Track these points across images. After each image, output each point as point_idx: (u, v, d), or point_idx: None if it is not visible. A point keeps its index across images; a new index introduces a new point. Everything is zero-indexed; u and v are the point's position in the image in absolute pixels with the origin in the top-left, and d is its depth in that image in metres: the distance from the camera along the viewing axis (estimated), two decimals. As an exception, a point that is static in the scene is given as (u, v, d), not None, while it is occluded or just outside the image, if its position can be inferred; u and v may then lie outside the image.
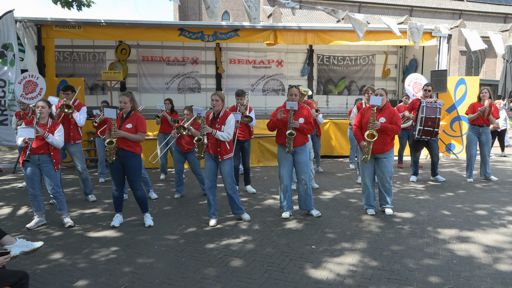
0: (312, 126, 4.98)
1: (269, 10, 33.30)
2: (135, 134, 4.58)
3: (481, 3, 36.63)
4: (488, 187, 6.52)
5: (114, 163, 4.57)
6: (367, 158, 4.93)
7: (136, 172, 4.64)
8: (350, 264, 3.58)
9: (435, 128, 6.41)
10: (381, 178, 5.06)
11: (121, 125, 4.54)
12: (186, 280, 3.33)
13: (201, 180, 6.17)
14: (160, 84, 11.76)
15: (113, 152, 4.49)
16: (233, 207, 4.89)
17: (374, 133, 4.79)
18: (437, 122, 6.40)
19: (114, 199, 4.78)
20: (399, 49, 12.47)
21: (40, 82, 7.32)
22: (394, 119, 4.96)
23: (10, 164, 9.30)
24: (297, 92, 4.89)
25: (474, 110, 6.75)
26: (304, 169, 4.95)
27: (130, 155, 4.57)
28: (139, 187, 4.72)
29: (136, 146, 4.64)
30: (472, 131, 6.87)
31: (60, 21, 8.59)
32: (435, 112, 6.40)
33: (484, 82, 23.23)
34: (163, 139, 7.42)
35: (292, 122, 4.78)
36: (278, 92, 12.32)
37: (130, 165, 4.58)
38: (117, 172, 4.63)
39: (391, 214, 5.05)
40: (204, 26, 9.34)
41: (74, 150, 5.83)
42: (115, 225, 4.68)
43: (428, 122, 6.39)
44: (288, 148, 4.84)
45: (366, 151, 4.90)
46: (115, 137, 4.47)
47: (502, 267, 3.50)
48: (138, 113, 4.77)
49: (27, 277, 2.57)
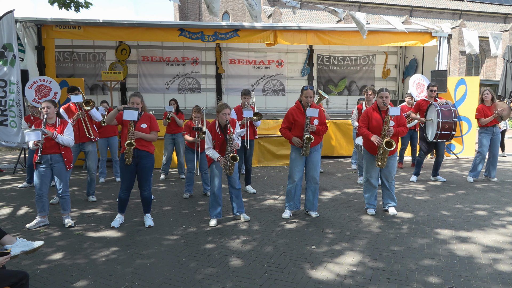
0: (326, 126, 5.00)
1: (269, 10, 33.31)
2: (150, 134, 4.63)
3: (481, 3, 36.64)
4: (488, 188, 6.52)
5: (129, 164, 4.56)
6: (383, 165, 4.91)
7: (148, 172, 4.68)
8: (350, 265, 3.58)
9: (452, 131, 6.32)
10: (386, 177, 5.10)
11: (135, 126, 4.55)
12: (186, 280, 3.33)
13: (206, 179, 6.17)
14: (160, 84, 11.76)
15: (131, 153, 4.50)
16: (239, 205, 4.89)
17: (392, 142, 4.75)
18: (454, 125, 6.32)
19: (120, 200, 4.76)
20: (399, 49, 12.47)
21: (54, 85, 7.29)
22: (401, 121, 4.99)
23: (10, 164, 9.30)
24: (312, 94, 4.84)
25: (485, 113, 6.67)
26: (316, 168, 4.95)
27: (145, 154, 4.60)
28: (148, 187, 4.73)
29: (150, 145, 4.67)
30: (486, 132, 6.78)
31: (60, 21, 8.59)
32: (451, 115, 6.30)
33: (484, 82, 23.22)
34: (170, 139, 7.46)
35: (309, 126, 4.77)
36: (278, 92, 12.32)
37: (143, 164, 4.60)
38: (129, 173, 4.62)
39: (394, 214, 5.07)
40: (204, 26, 9.33)
41: (90, 150, 5.89)
42: (114, 226, 4.67)
43: (445, 125, 6.29)
44: (305, 151, 4.82)
45: (382, 158, 4.87)
46: (133, 139, 4.48)
47: (502, 267, 3.50)
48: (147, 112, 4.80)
49: (27, 277, 2.57)
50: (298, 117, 4.88)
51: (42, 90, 7.17)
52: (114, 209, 5.22)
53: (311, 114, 4.76)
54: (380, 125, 4.89)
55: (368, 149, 5.07)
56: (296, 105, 4.96)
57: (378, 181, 5.17)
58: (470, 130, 9.69)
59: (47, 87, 7.21)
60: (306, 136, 4.75)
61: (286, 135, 4.95)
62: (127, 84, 11.65)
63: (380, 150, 4.83)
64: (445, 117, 6.29)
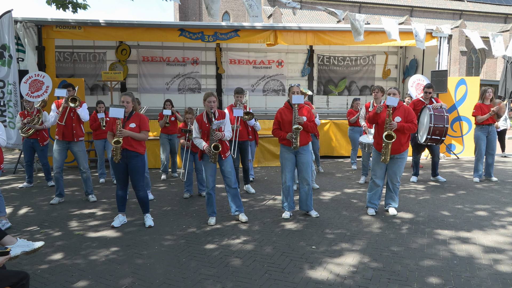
0: (315, 124, 5.01)
1: (270, 10, 33.30)
2: (139, 133, 4.61)
3: (481, 3, 36.61)
4: (488, 188, 6.51)
5: (118, 164, 4.58)
6: (386, 159, 4.90)
7: (140, 172, 4.65)
8: (350, 265, 3.58)
9: (442, 136, 6.30)
10: (391, 178, 5.07)
11: (124, 125, 4.56)
12: (186, 280, 3.33)
13: (201, 179, 6.18)
14: (160, 84, 11.76)
15: (119, 151, 4.50)
16: (236, 204, 4.88)
17: (392, 134, 4.74)
18: (445, 131, 6.30)
19: (118, 198, 4.80)
20: (399, 50, 12.47)
21: (47, 80, 7.25)
22: (409, 117, 4.92)
23: (10, 164, 9.30)
24: (299, 90, 4.89)
25: (482, 111, 6.72)
26: (307, 169, 4.95)
27: (134, 155, 4.58)
28: (142, 187, 4.72)
29: (139, 146, 4.64)
30: (482, 130, 6.83)
31: (61, 21, 8.60)
32: (443, 121, 6.28)
33: (485, 82, 23.19)
34: (166, 139, 7.48)
35: (297, 118, 4.77)
36: (279, 92, 12.32)
37: (133, 164, 4.59)
38: (120, 172, 4.66)
39: (394, 214, 5.06)
40: (204, 26, 9.34)
41: (76, 150, 5.83)
42: (114, 226, 4.66)
43: (436, 131, 6.28)
44: (294, 144, 4.79)
45: (384, 152, 4.87)
46: (121, 137, 4.47)
47: (502, 268, 3.50)
48: (139, 112, 4.79)
49: (27, 278, 2.57)
50: (286, 116, 4.89)
51: (36, 84, 7.14)
52: (114, 209, 5.21)
53: (296, 101, 4.74)
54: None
55: (376, 146, 5.07)
56: (285, 105, 4.99)
57: (383, 181, 5.17)
58: (471, 130, 9.68)
59: (40, 81, 7.16)
60: (294, 127, 4.74)
61: (278, 134, 4.96)
62: (127, 84, 11.66)
63: (383, 143, 4.84)
64: (437, 123, 6.25)
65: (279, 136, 4.96)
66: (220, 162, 4.77)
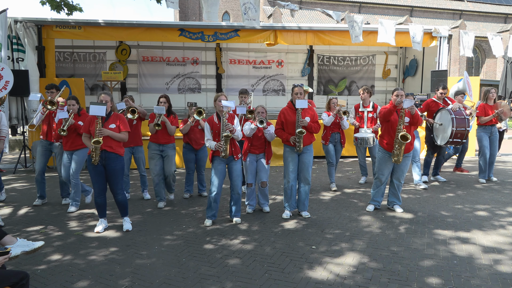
0: (319, 125, 5.00)
1: (270, 10, 33.31)
2: (119, 134, 4.47)
3: (481, 3, 36.61)
4: (488, 188, 6.51)
5: (97, 167, 4.39)
6: (399, 160, 4.95)
7: (118, 175, 4.49)
8: (350, 265, 3.58)
9: (464, 139, 6.28)
10: (399, 176, 5.16)
11: (103, 126, 4.39)
12: (186, 280, 3.33)
13: (201, 179, 6.16)
14: (160, 84, 11.76)
15: (98, 152, 4.33)
16: (236, 209, 4.84)
17: (408, 136, 4.79)
18: (466, 134, 6.27)
19: (97, 205, 4.56)
20: (399, 50, 12.47)
21: (6, 74, 6.47)
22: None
23: (10, 164, 9.30)
24: (302, 91, 4.88)
25: (486, 112, 6.71)
26: (308, 169, 4.95)
27: (113, 156, 4.42)
28: (120, 191, 4.57)
29: (118, 147, 4.49)
30: (485, 131, 6.82)
31: (61, 21, 8.60)
32: (465, 124, 6.24)
33: (485, 82, 23.18)
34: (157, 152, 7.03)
35: (301, 121, 4.77)
36: (279, 92, 12.33)
37: (112, 167, 4.42)
38: (99, 176, 4.42)
39: (401, 211, 5.16)
40: (205, 26, 9.34)
41: (55, 152, 5.73)
42: (99, 231, 4.50)
43: (457, 134, 6.23)
44: (298, 147, 4.80)
45: (398, 153, 4.92)
46: (100, 136, 4.30)
47: (502, 268, 3.50)
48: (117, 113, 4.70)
49: (27, 277, 2.57)
50: (289, 116, 4.89)
51: None
52: (114, 209, 5.20)
53: (300, 106, 4.73)
54: (397, 121, 4.95)
55: (385, 146, 5.09)
56: (288, 105, 4.99)
57: (388, 179, 5.23)
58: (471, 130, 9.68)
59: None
60: (298, 130, 4.74)
61: (281, 135, 4.96)
62: (127, 84, 11.67)
63: (396, 145, 4.90)
64: (459, 126, 6.20)
65: (282, 136, 4.96)
66: (230, 164, 4.71)
